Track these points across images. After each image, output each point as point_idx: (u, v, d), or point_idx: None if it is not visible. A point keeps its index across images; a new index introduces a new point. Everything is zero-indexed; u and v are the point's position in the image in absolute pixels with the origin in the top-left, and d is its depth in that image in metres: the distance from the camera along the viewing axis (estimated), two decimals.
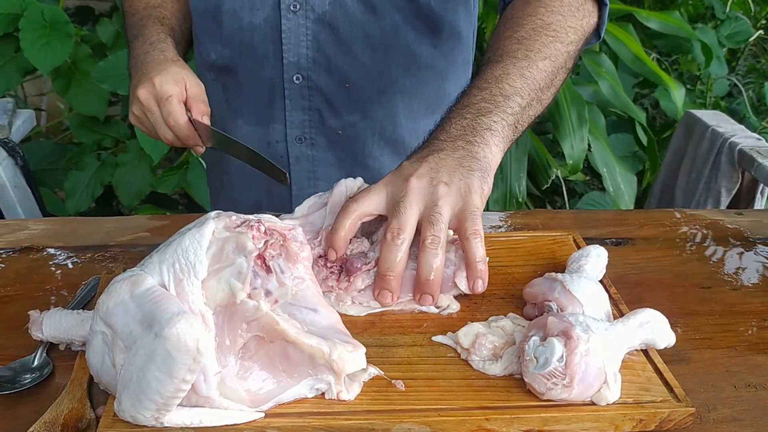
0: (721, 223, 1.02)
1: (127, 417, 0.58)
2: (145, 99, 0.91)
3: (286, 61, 1.02)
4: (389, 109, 1.06)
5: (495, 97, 0.79)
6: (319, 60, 1.02)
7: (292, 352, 0.61)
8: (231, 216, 0.65)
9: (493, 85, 0.80)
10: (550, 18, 0.87)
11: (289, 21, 1.00)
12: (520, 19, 0.88)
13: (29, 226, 0.98)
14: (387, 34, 1.01)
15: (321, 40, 1.01)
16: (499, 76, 0.81)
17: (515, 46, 0.84)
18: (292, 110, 1.05)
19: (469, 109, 0.78)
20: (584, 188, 2.58)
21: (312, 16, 0.99)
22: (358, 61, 1.02)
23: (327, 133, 1.07)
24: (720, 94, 2.84)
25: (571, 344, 0.61)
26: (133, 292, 0.60)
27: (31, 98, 2.65)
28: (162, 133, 0.93)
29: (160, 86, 0.90)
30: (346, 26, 1.00)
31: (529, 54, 0.83)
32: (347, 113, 1.06)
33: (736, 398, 0.66)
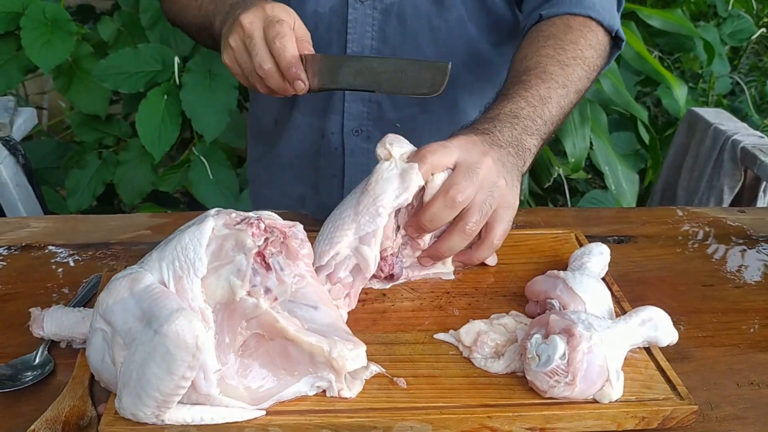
0: (724, 221, 1.02)
1: (128, 414, 0.58)
2: (249, 23, 0.81)
3: (349, 51, 1.01)
4: (448, 104, 1.06)
5: (537, 120, 0.82)
6: (384, 51, 1.01)
7: (292, 350, 0.61)
8: (231, 213, 0.65)
9: (538, 105, 0.83)
10: (587, 52, 0.91)
11: (356, 11, 0.99)
12: (563, 42, 0.90)
13: (31, 224, 0.98)
14: (451, 28, 1.01)
15: (387, 31, 1.00)
16: (544, 97, 0.84)
17: (558, 71, 0.87)
18: (351, 101, 1.05)
19: (519, 121, 0.81)
20: (586, 186, 2.58)
21: (379, 7, 0.99)
22: (422, 54, 1.02)
23: (384, 126, 1.06)
24: (722, 92, 2.83)
25: (573, 342, 0.60)
26: (132, 290, 0.60)
27: (33, 97, 2.64)
28: (260, 61, 0.82)
29: (271, 11, 0.82)
30: (412, 18, 1.00)
31: (567, 83, 0.87)
32: (406, 106, 1.05)
33: (739, 396, 0.66)
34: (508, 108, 0.82)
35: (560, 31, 0.92)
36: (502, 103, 0.83)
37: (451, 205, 0.72)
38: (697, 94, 2.81)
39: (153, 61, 1.89)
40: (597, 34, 0.94)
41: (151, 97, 1.88)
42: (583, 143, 1.98)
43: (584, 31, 0.92)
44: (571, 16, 0.94)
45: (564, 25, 0.93)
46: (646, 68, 2.19)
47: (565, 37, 0.91)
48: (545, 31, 0.93)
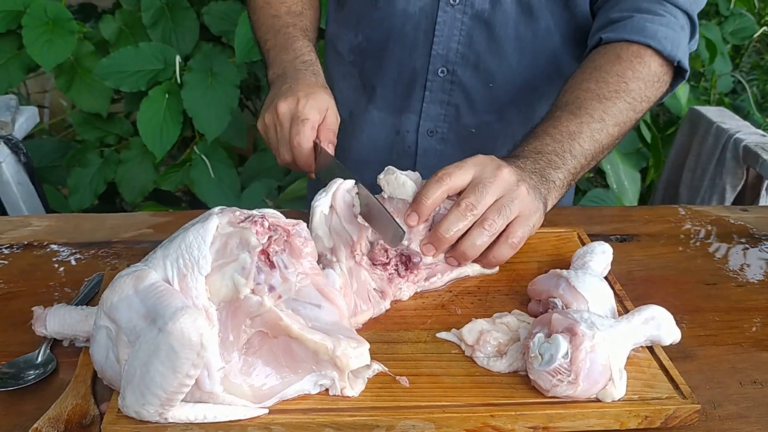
0: (726, 220, 1.02)
1: (131, 412, 0.58)
2: (282, 113, 0.89)
3: (434, 52, 1.02)
4: (526, 114, 1.06)
5: (565, 154, 0.83)
6: (468, 56, 1.02)
7: (296, 348, 0.61)
8: (235, 211, 0.65)
9: (565, 141, 0.84)
10: (633, 84, 0.89)
11: (446, 14, 1.00)
12: (607, 75, 0.89)
13: (33, 222, 0.98)
14: (538, 39, 1.02)
15: (474, 37, 1.01)
16: (573, 132, 0.84)
17: (595, 104, 0.87)
18: (430, 102, 1.05)
19: (541, 156, 0.82)
20: (587, 185, 2.58)
21: (470, 12, 1.00)
22: (507, 62, 1.03)
23: (460, 129, 1.07)
24: (724, 90, 2.83)
25: (576, 341, 0.60)
26: (137, 287, 0.60)
27: (34, 95, 2.64)
28: (282, 151, 0.91)
29: (303, 108, 0.88)
30: (501, 26, 1.00)
31: (604, 117, 0.86)
32: (485, 112, 1.06)
33: (742, 395, 0.66)
34: (532, 146, 0.83)
35: (608, 62, 0.91)
36: (527, 141, 0.85)
37: (464, 214, 0.74)
38: (699, 92, 2.80)
39: (154, 59, 1.89)
40: (650, 65, 0.92)
41: (152, 95, 1.88)
42: None
43: (634, 62, 0.90)
44: (627, 43, 0.92)
45: (614, 55, 0.91)
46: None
47: (611, 69, 0.90)
48: (595, 61, 0.92)
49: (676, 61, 0.93)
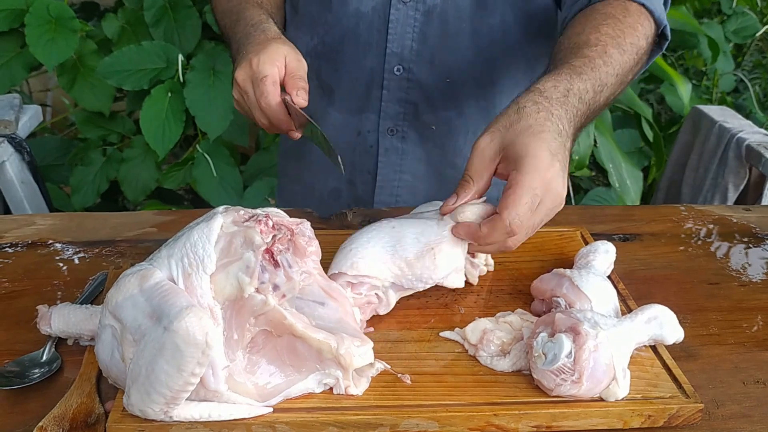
0: (729, 219, 1.02)
1: (136, 411, 0.58)
2: (242, 81, 0.87)
3: (389, 51, 1.01)
4: (486, 108, 1.06)
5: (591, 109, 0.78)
6: (423, 53, 1.01)
7: (300, 347, 0.61)
8: (239, 210, 0.65)
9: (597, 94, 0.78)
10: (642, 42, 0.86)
11: (398, 11, 0.99)
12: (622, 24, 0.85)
13: (36, 221, 0.98)
14: (495, 32, 1.01)
15: (427, 33, 1.00)
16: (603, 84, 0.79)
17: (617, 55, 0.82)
18: (388, 101, 1.05)
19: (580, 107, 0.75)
20: (589, 184, 2.58)
21: (422, 8, 0.99)
22: (463, 57, 1.01)
23: (420, 127, 1.06)
24: (726, 89, 2.83)
25: (579, 340, 0.60)
26: (142, 286, 0.60)
27: (36, 94, 2.65)
28: (257, 116, 0.88)
29: (256, 66, 0.84)
30: (454, 20, 0.99)
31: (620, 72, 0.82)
32: (444, 109, 1.05)
33: (745, 394, 0.66)
34: (576, 87, 0.75)
35: (619, 12, 0.86)
36: (572, 78, 0.76)
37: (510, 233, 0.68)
38: (701, 91, 2.80)
39: (157, 58, 1.89)
40: (651, 25, 0.89)
41: (155, 94, 1.88)
42: (587, 141, 1.97)
43: (641, 18, 0.87)
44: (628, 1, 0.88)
45: (622, 7, 0.87)
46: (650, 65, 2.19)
47: (625, 20, 0.85)
48: (602, 10, 0.87)
49: (662, 25, 0.91)
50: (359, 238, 0.74)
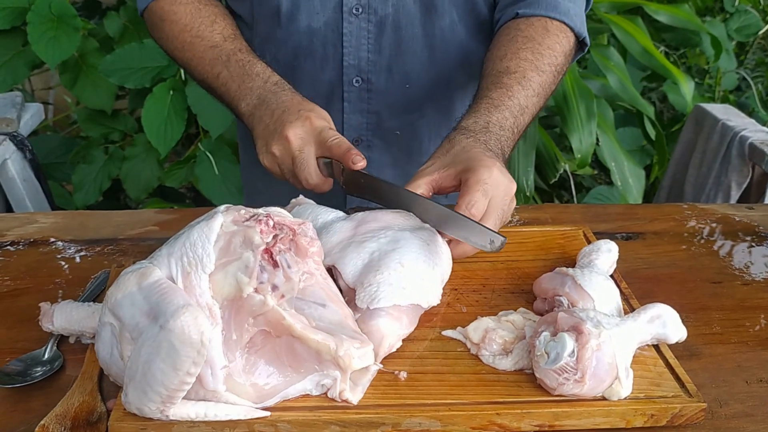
0: (732, 218, 1.01)
1: (133, 409, 0.58)
2: (297, 138, 0.85)
3: (346, 63, 1.02)
4: (445, 106, 1.07)
5: (515, 131, 0.86)
6: (380, 62, 1.02)
7: (299, 347, 0.61)
8: (240, 210, 0.65)
9: (519, 117, 0.87)
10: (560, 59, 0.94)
11: (350, 24, 1.00)
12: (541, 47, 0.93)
13: (39, 219, 0.98)
14: (445, 33, 1.02)
15: (382, 42, 1.01)
16: (523, 107, 0.88)
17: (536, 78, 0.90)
18: (350, 113, 1.05)
19: (503, 133, 0.84)
20: (591, 182, 2.57)
21: (374, 19, 1.00)
22: (418, 61, 1.03)
23: (384, 134, 1.07)
24: (729, 87, 2.82)
25: (582, 339, 0.60)
26: (140, 284, 0.60)
27: (38, 92, 2.65)
28: (306, 176, 0.86)
29: (317, 120, 0.85)
30: (407, 27, 1.00)
31: (541, 92, 0.91)
32: (406, 113, 1.06)
33: (748, 393, 0.66)
34: (495, 118, 0.85)
35: (539, 34, 0.94)
36: (491, 111, 0.86)
37: None
38: (704, 89, 2.79)
39: (159, 56, 1.89)
40: (569, 40, 0.97)
41: (156, 92, 1.88)
42: (589, 139, 1.97)
43: (560, 37, 0.95)
44: (549, 19, 0.96)
45: (542, 27, 0.95)
46: (652, 64, 2.18)
47: (543, 41, 0.93)
48: (524, 31, 0.95)
49: (582, 37, 0.99)
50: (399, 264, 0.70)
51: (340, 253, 0.73)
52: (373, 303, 0.66)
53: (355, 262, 0.71)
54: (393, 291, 0.67)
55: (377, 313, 0.66)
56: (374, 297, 0.66)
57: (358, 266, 0.71)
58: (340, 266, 0.71)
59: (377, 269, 0.69)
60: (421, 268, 0.71)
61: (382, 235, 0.74)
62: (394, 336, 0.66)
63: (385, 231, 0.75)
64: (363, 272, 0.70)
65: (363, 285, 0.68)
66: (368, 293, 0.67)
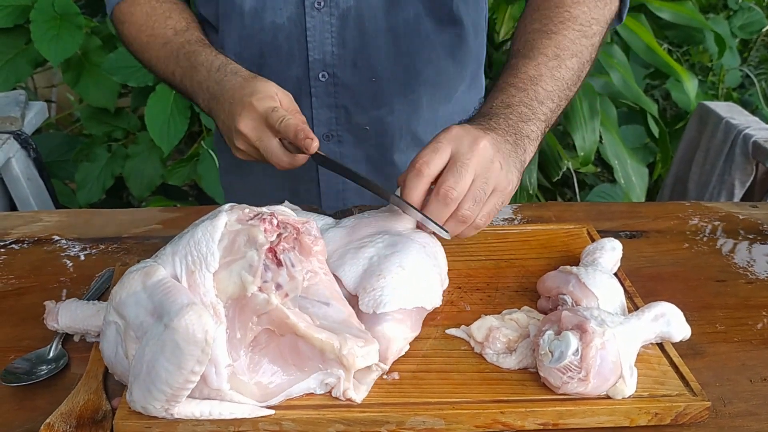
0: (736, 216, 1.01)
1: (138, 407, 0.58)
2: (250, 129, 0.83)
3: (311, 59, 1.01)
4: (414, 101, 1.06)
5: (532, 102, 0.81)
6: (345, 56, 1.01)
7: (303, 346, 0.61)
8: (244, 209, 0.65)
9: (529, 87, 0.82)
10: (576, 10, 0.88)
11: (313, 19, 0.99)
12: (548, 10, 0.89)
13: (43, 218, 0.99)
14: (409, 25, 1.01)
15: (346, 36, 1.00)
16: (533, 77, 0.83)
17: (545, 42, 0.85)
18: (318, 108, 1.05)
19: (511, 110, 0.80)
20: (594, 180, 2.57)
21: (336, 13, 0.99)
22: (384, 55, 1.02)
23: (354, 129, 1.06)
24: (732, 85, 2.82)
25: (586, 338, 0.60)
26: (145, 283, 0.60)
27: (41, 90, 2.65)
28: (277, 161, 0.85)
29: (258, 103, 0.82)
30: (370, 20, 1.00)
31: (558, 52, 0.85)
32: (374, 108, 1.05)
33: (752, 392, 0.66)
34: (498, 100, 0.81)
35: None
36: (493, 96, 0.83)
37: (445, 203, 0.71)
38: (707, 87, 2.79)
39: None
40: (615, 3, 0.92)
41: (159, 90, 1.88)
42: (592, 137, 1.97)
43: None
44: None
45: None
46: (656, 61, 2.18)
47: (550, 3, 0.89)
48: (532, 2, 0.92)
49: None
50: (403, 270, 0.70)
51: (338, 261, 0.72)
52: (378, 308, 0.66)
53: (355, 269, 0.71)
54: (397, 295, 0.67)
55: (383, 318, 0.66)
56: (379, 302, 0.66)
57: (358, 272, 0.70)
58: (340, 274, 0.70)
59: (379, 274, 0.69)
60: (422, 271, 0.71)
61: (379, 239, 0.74)
62: (401, 339, 0.66)
63: (381, 236, 0.74)
64: (364, 278, 0.69)
65: (366, 290, 0.68)
66: (372, 298, 0.67)
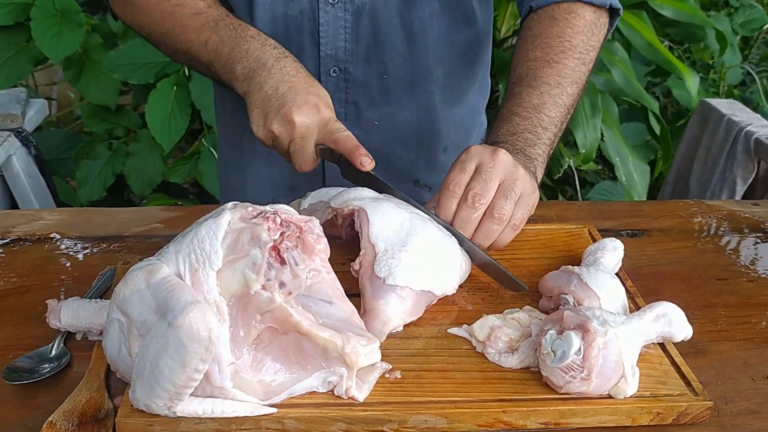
0: (738, 214, 1.01)
1: (141, 405, 0.58)
2: (304, 126, 0.83)
3: (323, 53, 1.01)
4: (425, 99, 1.06)
5: (536, 129, 0.87)
6: (357, 52, 1.01)
7: (306, 344, 0.61)
8: (247, 207, 0.65)
9: (533, 115, 0.87)
10: (576, 40, 0.93)
11: (327, 14, 0.99)
12: (549, 39, 0.93)
13: (44, 216, 0.99)
14: (424, 23, 1.01)
15: (360, 32, 1.00)
16: (537, 105, 0.88)
17: (548, 71, 0.91)
18: None
19: (517, 137, 0.85)
20: (596, 178, 2.57)
21: (351, 8, 0.99)
22: (397, 52, 1.02)
23: (363, 125, 1.05)
24: (733, 82, 2.81)
25: (588, 337, 0.60)
26: (149, 281, 0.60)
27: (42, 88, 2.65)
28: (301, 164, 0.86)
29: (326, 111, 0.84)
30: (384, 17, 1.00)
31: (560, 81, 0.90)
32: (384, 104, 1.05)
33: (754, 391, 0.66)
34: (504, 129, 0.86)
35: (545, 26, 0.95)
36: (498, 125, 0.88)
37: (473, 206, 0.75)
38: (708, 84, 2.78)
39: None
40: (584, 17, 0.96)
41: (160, 88, 1.88)
42: (594, 134, 1.97)
43: (569, 19, 0.95)
44: (557, 4, 0.96)
45: (548, 18, 0.95)
46: (657, 58, 2.17)
47: (551, 32, 0.94)
48: (532, 29, 0.96)
49: (607, 5, 0.98)
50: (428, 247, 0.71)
51: (373, 202, 0.73)
52: (389, 278, 0.68)
53: (387, 222, 0.71)
54: (410, 273, 0.69)
55: (388, 292, 0.68)
56: (392, 272, 0.68)
57: (386, 227, 0.71)
58: (371, 214, 0.71)
59: (403, 244, 0.70)
60: (445, 253, 0.72)
61: (416, 209, 0.76)
62: (398, 320, 0.68)
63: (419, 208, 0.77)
64: (390, 238, 0.70)
65: (387, 253, 0.69)
66: (389, 265, 0.69)
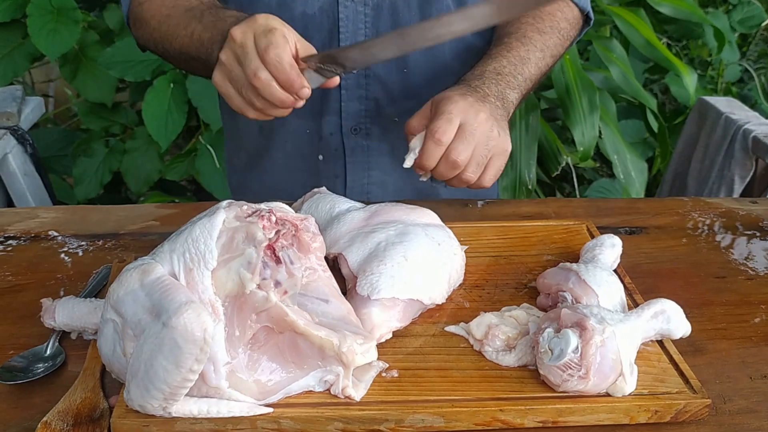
0: (736, 212, 1.01)
1: (136, 406, 0.58)
2: (240, 33, 0.76)
3: None
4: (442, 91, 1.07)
5: (518, 76, 0.92)
6: None
7: (302, 344, 0.61)
8: (242, 206, 0.64)
9: (519, 64, 0.93)
10: (563, 24, 1.02)
11: (347, 9, 0.98)
12: (541, 12, 1.01)
13: (40, 214, 0.98)
14: None
15: (380, 27, 1.00)
16: (524, 58, 0.94)
17: (536, 36, 0.97)
18: (348, 101, 1.03)
19: (501, 78, 0.90)
20: (594, 175, 2.57)
21: (370, 3, 0.99)
22: None
23: (382, 121, 1.05)
24: (731, 79, 2.81)
25: (586, 335, 0.60)
26: (143, 281, 0.60)
27: (39, 85, 2.64)
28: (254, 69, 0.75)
29: (264, 19, 0.76)
30: (404, 10, 1.00)
31: (544, 49, 0.97)
32: (404, 99, 1.05)
33: (752, 389, 0.66)
34: (491, 66, 0.91)
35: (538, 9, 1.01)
36: (487, 62, 0.92)
37: (454, 166, 0.80)
38: (706, 81, 2.78)
39: None
40: (572, 10, 1.05)
41: (157, 85, 1.88)
42: (591, 132, 1.96)
43: (560, 5, 1.03)
44: None
45: None
46: (655, 56, 2.17)
47: (543, 10, 1.01)
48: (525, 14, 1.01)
49: (586, 11, 1.07)
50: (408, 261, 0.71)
51: (348, 241, 0.75)
52: (373, 293, 0.68)
53: (361, 251, 0.73)
54: (393, 283, 0.69)
55: (373, 302, 0.68)
56: (375, 287, 0.68)
57: (362, 255, 0.73)
58: (347, 253, 0.73)
59: (381, 260, 0.71)
60: (426, 265, 0.72)
61: (392, 227, 0.75)
62: (385, 327, 0.68)
63: (396, 224, 0.76)
64: (366, 260, 0.71)
65: (365, 273, 0.70)
66: (369, 282, 0.69)
